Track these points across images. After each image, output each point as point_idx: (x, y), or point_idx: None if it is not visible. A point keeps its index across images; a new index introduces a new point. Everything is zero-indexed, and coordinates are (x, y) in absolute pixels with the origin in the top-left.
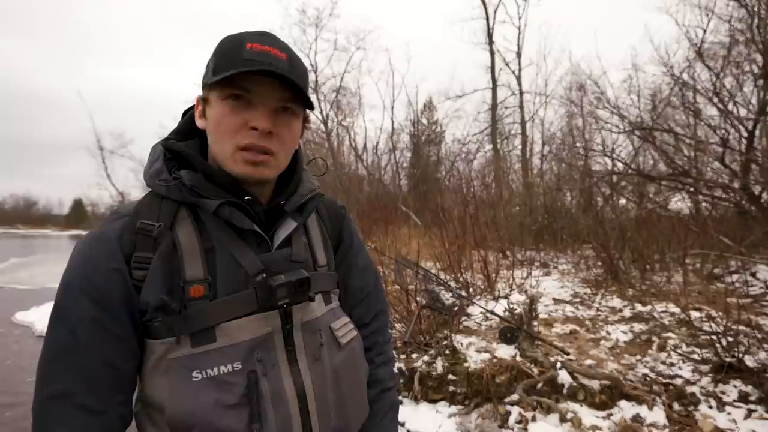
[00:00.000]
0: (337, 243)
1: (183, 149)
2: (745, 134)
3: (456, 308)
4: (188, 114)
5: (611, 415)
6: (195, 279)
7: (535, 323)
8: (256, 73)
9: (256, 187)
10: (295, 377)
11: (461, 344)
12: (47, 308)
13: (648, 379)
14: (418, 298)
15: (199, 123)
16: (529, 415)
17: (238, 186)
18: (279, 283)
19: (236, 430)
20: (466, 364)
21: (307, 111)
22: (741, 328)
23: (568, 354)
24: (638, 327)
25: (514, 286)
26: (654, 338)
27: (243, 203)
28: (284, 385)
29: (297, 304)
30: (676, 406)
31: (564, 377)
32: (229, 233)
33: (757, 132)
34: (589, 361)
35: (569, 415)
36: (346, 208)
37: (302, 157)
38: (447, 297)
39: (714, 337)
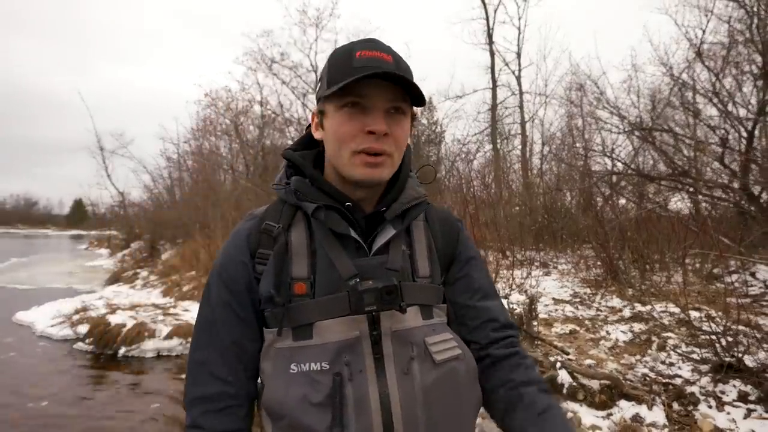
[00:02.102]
0: (450, 259)
1: (294, 157)
2: (744, 134)
3: None
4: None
5: (611, 414)
6: (299, 277)
7: (535, 323)
8: (370, 78)
9: (364, 192)
10: (381, 387)
11: None
12: (47, 308)
13: (647, 378)
14: None
15: (316, 135)
16: None
17: (340, 192)
18: (365, 288)
19: (318, 431)
20: None
21: (415, 109)
22: (740, 327)
23: (567, 354)
24: (638, 327)
25: (513, 286)
26: (653, 338)
27: (342, 208)
28: (369, 393)
29: (385, 312)
30: (675, 405)
31: (564, 377)
32: (330, 237)
33: (756, 132)
34: (588, 361)
35: (569, 415)
36: (464, 223)
37: (409, 161)
38: None
39: (713, 336)
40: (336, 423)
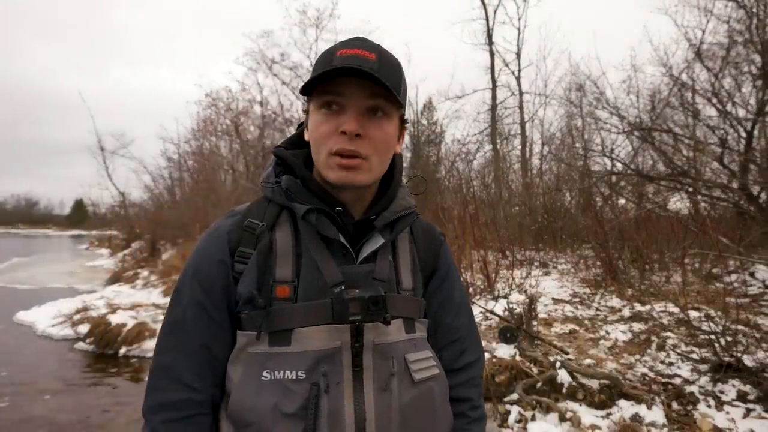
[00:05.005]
0: (430, 271)
1: (286, 156)
2: (743, 134)
3: None
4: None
5: (610, 414)
6: (283, 280)
7: (535, 323)
8: (336, 74)
9: (351, 197)
10: (357, 403)
11: None
12: (48, 308)
13: (647, 378)
14: None
15: (306, 135)
16: (528, 414)
17: (331, 195)
18: (352, 297)
19: None
20: None
21: (406, 113)
22: (739, 327)
23: (567, 353)
24: (637, 326)
25: (513, 286)
26: (653, 338)
27: (332, 213)
28: (344, 408)
29: (370, 323)
30: (674, 405)
31: (563, 377)
32: (318, 241)
33: (755, 132)
34: (588, 361)
35: (568, 415)
36: (446, 236)
37: (400, 170)
38: None
39: (713, 336)
40: None
